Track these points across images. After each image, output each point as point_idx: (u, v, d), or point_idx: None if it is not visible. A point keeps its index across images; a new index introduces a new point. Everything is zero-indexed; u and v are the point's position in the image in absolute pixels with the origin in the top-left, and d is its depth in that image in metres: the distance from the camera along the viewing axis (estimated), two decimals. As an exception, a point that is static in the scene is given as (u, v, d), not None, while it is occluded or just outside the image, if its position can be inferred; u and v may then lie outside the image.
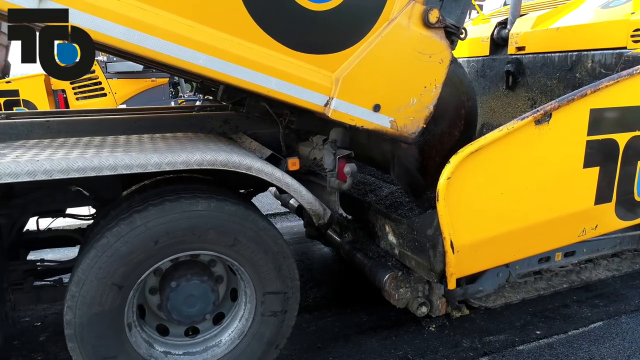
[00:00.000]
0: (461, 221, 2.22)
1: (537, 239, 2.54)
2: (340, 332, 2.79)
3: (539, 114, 2.24)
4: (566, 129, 2.38)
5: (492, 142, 2.18)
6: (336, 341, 2.72)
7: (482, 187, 2.27)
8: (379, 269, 2.59)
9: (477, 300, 2.88)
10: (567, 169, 2.46)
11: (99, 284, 1.82)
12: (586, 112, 2.40)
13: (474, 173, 2.20)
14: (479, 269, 2.54)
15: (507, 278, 2.91)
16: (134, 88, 9.12)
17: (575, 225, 2.62)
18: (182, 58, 1.73)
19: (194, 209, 1.92)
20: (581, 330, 2.80)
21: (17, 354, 2.57)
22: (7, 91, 8.20)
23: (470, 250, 2.31)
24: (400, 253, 2.61)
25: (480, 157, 2.17)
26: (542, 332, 2.78)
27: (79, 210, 2.72)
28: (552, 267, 3.13)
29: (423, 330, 2.80)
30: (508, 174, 2.32)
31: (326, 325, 2.87)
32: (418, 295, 2.56)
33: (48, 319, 2.93)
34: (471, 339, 2.72)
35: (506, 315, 2.96)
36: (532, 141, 2.29)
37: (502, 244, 2.42)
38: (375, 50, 1.99)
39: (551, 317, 2.94)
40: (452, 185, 2.12)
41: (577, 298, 3.16)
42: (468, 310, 2.86)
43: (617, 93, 2.47)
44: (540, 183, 2.40)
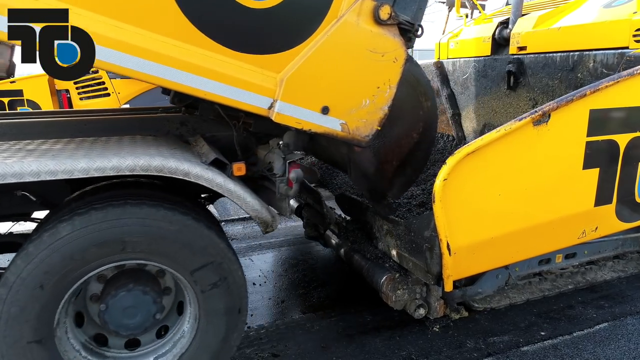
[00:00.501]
0: (458, 223, 2.20)
1: (536, 240, 2.51)
2: (344, 332, 2.76)
3: (537, 114, 2.21)
4: (565, 130, 2.35)
5: (490, 143, 2.15)
6: (340, 341, 2.69)
7: (480, 189, 2.24)
8: (377, 271, 2.56)
9: (481, 302, 2.85)
10: (566, 170, 2.43)
11: (24, 292, 1.73)
12: (585, 112, 2.37)
13: (471, 174, 2.17)
14: (476, 271, 2.51)
15: (507, 280, 2.87)
16: (138, 88, 9.09)
17: (575, 227, 2.59)
18: (112, 62, 1.65)
19: (114, 219, 1.80)
20: (586, 332, 2.78)
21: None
22: (11, 91, 8.22)
23: (467, 252, 2.28)
24: (397, 254, 2.59)
25: (477, 158, 2.14)
26: (547, 333, 2.76)
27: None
28: (552, 269, 3.09)
29: (427, 330, 2.77)
30: (506, 175, 2.29)
31: (330, 325, 2.84)
32: (416, 297, 2.54)
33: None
34: (475, 340, 2.70)
35: (510, 316, 2.94)
36: (531, 142, 2.26)
37: (500, 245, 2.39)
38: (322, 49, 1.87)
39: (556, 318, 2.92)
40: (448, 186, 2.09)
41: (582, 299, 3.13)
42: (467, 312, 2.83)
43: (617, 93, 2.44)
44: (538, 185, 2.37)
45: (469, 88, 4.15)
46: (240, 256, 3.93)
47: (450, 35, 4.42)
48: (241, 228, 4.75)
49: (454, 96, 4.31)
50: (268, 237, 4.41)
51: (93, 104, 8.81)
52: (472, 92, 4.12)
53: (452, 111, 4.28)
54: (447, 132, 4.38)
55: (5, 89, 8.19)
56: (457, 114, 4.29)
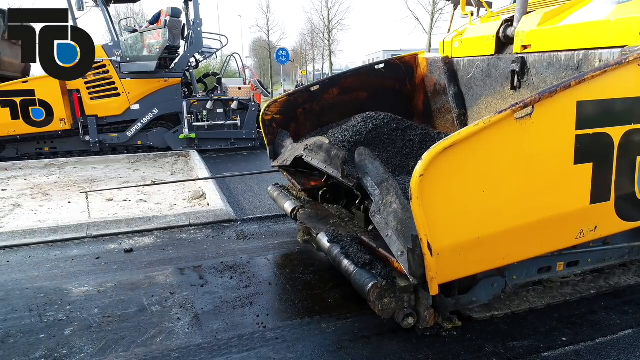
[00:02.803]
0: (439, 222, 2.10)
1: (529, 241, 2.39)
2: (360, 334, 2.74)
3: (518, 107, 2.11)
4: (551, 123, 2.24)
5: (468, 137, 2.05)
6: (356, 342, 2.66)
7: (461, 185, 2.13)
8: (363, 278, 2.47)
9: (481, 311, 2.77)
10: (555, 165, 2.32)
11: None
12: (572, 104, 2.26)
13: (450, 170, 2.07)
14: (465, 273, 2.38)
15: (504, 288, 2.79)
16: (147, 88, 9.19)
17: (572, 227, 2.47)
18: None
19: None
20: (610, 338, 2.70)
21: None
22: (24, 91, 8.36)
23: (452, 254, 2.18)
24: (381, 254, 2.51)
25: (456, 153, 2.05)
26: (569, 339, 2.69)
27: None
28: (553, 277, 3.02)
29: (444, 333, 2.73)
30: (489, 171, 2.18)
31: (345, 326, 2.81)
32: (404, 306, 2.45)
33: None
34: (494, 344, 2.64)
35: (530, 320, 2.87)
36: (514, 136, 2.15)
37: (489, 246, 2.27)
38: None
39: (578, 323, 2.85)
40: (426, 182, 2.01)
41: (605, 304, 3.05)
42: (460, 321, 2.74)
43: (606, 84, 2.33)
44: (526, 181, 2.26)
45: (473, 88, 4.09)
46: (256, 256, 3.98)
47: (455, 34, 4.36)
48: (257, 227, 4.76)
49: (462, 95, 4.22)
50: (284, 237, 4.42)
51: (103, 103, 8.96)
52: (477, 92, 4.05)
53: (458, 111, 4.19)
54: (452, 132, 4.29)
55: (17, 88, 8.33)
56: (462, 114, 4.20)
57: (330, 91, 4.19)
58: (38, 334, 2.82)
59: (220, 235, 4.55)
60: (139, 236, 4.53)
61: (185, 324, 2.89)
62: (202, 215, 4.89)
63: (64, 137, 8.96)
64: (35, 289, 3.44)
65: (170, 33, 8.96)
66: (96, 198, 5.95)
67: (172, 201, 5.78)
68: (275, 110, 4.01)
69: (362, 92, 4.31)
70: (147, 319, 2.95)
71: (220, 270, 3.69)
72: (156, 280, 3.54)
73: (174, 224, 4.75)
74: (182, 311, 3.04)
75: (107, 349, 2.64)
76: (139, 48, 9.06)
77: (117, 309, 3.10)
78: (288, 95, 4.06)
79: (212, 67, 20.80)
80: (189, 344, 2.67)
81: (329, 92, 4.19)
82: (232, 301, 3.16)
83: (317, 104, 4.16)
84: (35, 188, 6.66)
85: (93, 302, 3.19)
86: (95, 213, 5.26)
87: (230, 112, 9.62)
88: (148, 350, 2.62)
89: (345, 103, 4.25)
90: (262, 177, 6.81)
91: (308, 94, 4.08)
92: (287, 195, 3.92)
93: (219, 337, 2.73)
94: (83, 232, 4.53)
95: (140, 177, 7.40)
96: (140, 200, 5.82)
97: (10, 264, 3.94)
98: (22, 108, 8.36)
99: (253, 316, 2.96)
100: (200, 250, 4.14)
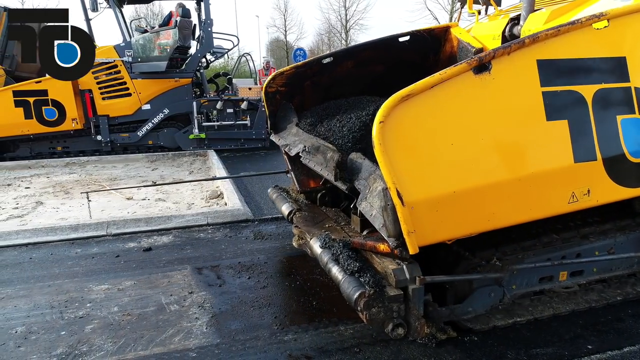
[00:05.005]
0: (407, 172, 2.06)
1: (514, 201, 2.30)
2: (379, 337, 2.70)
3: (473, 60, 2.13)
4: (513, 79, 2.25)
5: (425, 88, 2.06)
6: (374, 346, 2.63)
7: (425, 136, 2.12)
8: (352, 286, 2.37)
9: (480, 321, 2.70)
10: (527, 121, 2.30)
11: None
12: (533, 62, 2.28)
13: (411, 119, 2.07)
14: (448, 235, 2.26)
15: (501, 298, 2.69)
16: (158, 88, 9.27)
17: (560, 188, 2.38)
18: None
19: None
20: (638, 347, 2.61)
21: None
22: (37, 91, 8.47)
23: (428, 208, 2.10)
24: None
25: (415, 103, 2.05)
26: (594, 347, 2.61)
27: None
28: (554, 287, 2.91)
29: (465, 338, 2.67)
30: (454, 123, 2.16)
31: (364, 330, 2.78)
32: (393, 316, 2.35)
33: None
34: (516, 351, 2.58)
35: (554, 327, 2.80)
36: (475, 91, 2.16)
37: (468, 203, 2.19)
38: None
39: (604, 331, 2.76)
40: (386, 130, 2.00)
41: (632, 312, 2.95)
42: (455, 332, 2.66)
43: (564, 45, 2.35)
44: (497, 136, 2.22)
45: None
46: (273, 256, 3.97)
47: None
48: (274, 227, 4.76)
49: None
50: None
51: (115, 103, 9.04)
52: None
53: None
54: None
55: (30, 88, 8.44)
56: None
57: (345, 64, 3.94)
58: (59, 330, 2.85)
59: (238, 235, 4.56)
60: (157, 235, 4.56)
61: (203, 323, 2.89)
62: (219, 215, 4.91)
63: (76, 136, 9.08)
64: (57, 286, 3.49)
65: (180, 33, 9.02)
66: (115, 196, 6.03)
67: (190, 200, 5.82)
68: (281, 83, 3.81)
69: (378, 65, 4.06)
70: (165, 318, 2.96)
71: (238, 270, 3.70)
72: (174, 279, 3.56)
73: (192, 223, 4.77)
74: (200, 311, 3.05)
75: (126, 347, 2.66)
76: (150, 48, 9.15)
77: (136, 307, 3.12)
78: (296, 67, 3.82)
79: (226, 67, 20.91)
80: (207, 344, 2.67)
81: (343, 65, 3.94)
82: (250, 302, 3.16)
83: (328, 77, 3.94)
84: (57, 186, 6.78)
85: (112, 300, 3.22)
86: (115, 211, 5.32)
87: (240, 112, 9.65)
88: (166, 349, 2.63)
89: (359, 76, 4.02)
90: (280, 177, 6.81)
91: (319, 66, 3.83)
92: (286, 198, 3.84)
93: (237, 337, 2.73)
94: (103, 230, 4.58)
95: (159, 176, 7.47)
96: (159, 199, 5.88)
97: (32, 261, 4.01)
98: (35, 108, 8.50)
99: (271, 317, 2.95)
100: (218, 250, 4.15)
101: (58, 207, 5.63)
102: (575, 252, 2.84)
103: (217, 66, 15.59)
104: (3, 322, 2.97)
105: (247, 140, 9.77)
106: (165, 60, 9.01)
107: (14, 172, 7.94)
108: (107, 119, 9.04)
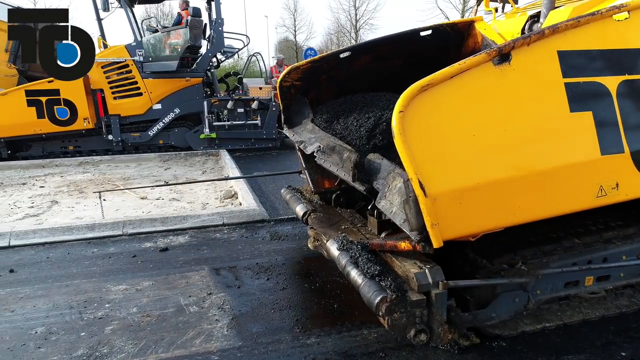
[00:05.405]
0: (428, 163, 2.02)
1: (539, 195, 2.24)
2: (404, 342, 2.63)
3: (492, 50, 2.10)
4: (533, 70, 2.21)
5: (444, 78, 2.04)
6: (400, 350, 2.57)
7: (447, 127, 2.08)
8: (372, 290, 2.30)
9: (506, 327, 2.63)
10: (550, 112, 2.24)
11: None
12: (553, 53, 2.24)
13: (430, 109, 2.04)
14: (473, 229, 2.18)
15: (526, 304, 2.61)
16: (169, 87, 9.28)
17: (587, 181, 2.32)
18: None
19: None
20: (674, 354, 2.53)
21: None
22: (49, 90, 8.52)
23: (451, 201, 2.05)
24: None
25: (435, 93, 2.03)
26: (628, 354, 2.53)
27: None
28: (580, 292, 2.82)
29: (492, 344, 2.60)
30: (475, 115, 2.12)
31: (388, 333, 2.71)
32: (415, 322, 2.29)
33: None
34: (547, 357, 2.50)
35: (584, 332, 2.72)
36: (496, 81, 2.13)
37: (493, 197, 2.14)
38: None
39: (637, 337, 2.67)
40: (407, 120, 1.97)
41: (667, 318, 2.87)
42: (478, 338, 2.58)
43: (584, 36, 2.32)
44: (520, 127, 2.18)
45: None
46: (291, 257, 3.92)
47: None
48: (290, 228, 4.71)
49: None
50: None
51: (126, 103, 9.07)
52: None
53: None
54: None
55: (42, 88, 8.48)
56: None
57: (363, 58, 3.87)
58: (79, 331, 2.82)
59: (254, 235, 4.51)
60: (173, 235, 4.54)
61: (223, 325, 2.85)
62: (235, 215, 4.87)
63: (87, 136, 9.12)
64: (75, 285, 3.47)
65: (191, 33, 9.01)
66: (130, 196, 6.02)
67: (204, 200, 5.79)
68: (296, 77, 3.73)
69: (396, 59, 3.98)
70: (185, 320, 2.92)
71: (256, 271, 3.65)
72: (192, 280, 3.52)
73: (207, 224, 4.74)
74: (220, 312, 3.01)
75: (147, 349, 2.62)
76: (161, 48, 9.15)
77: (155, 308, 3.08)
78: (312, 61, 3.73)
79: (235, 67, 20.91)
80: (229, 347, 2.63)
81: (361, 60, 3.86)
82: (270, 304, 3.11)
83: (345, 71, 3.86)
84: (71, 185, 6.79)
85: (131, 301, 3.19)
86: (130, 211, 5.31)
87: (250, 111, 9.62)
88: (188, 352, 2.59)
89: (376, 71, 3.93)
90: (293, 177, 6.76)
91: (336, 60, 3.74)
92: (299, 198, 3.77)
93: (259, 340, 2.68)
94: (119, 230, 4.57)
95: (172, 175, 7.46)
96: (173, 199, 5.86)
97: (50, 260, 4.00)
98: (47, 107, 8.55)
99: (292, 320, 2.90)
100: (235, 251, 4.11)
101: (73, 207, 5.63)
102: (602, 257, 2.76)
103: (225, 66, 15.56)
104: (23, 322, 2.95)
105: (258, 140, 9.74)
106: (176, 60, 9.02)
107: (28, 171, 7.98)
108: (118, 118, 9.07)
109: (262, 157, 9.22)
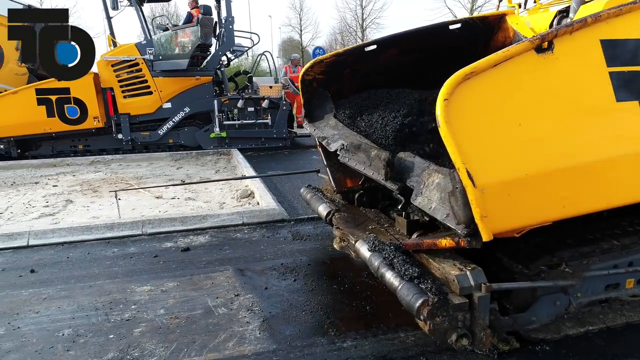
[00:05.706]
0: (475, 153, 1.95)
1: (590, 188, 2.17)
2: (443, 345, 2.55)
3: (535, 39, 2.06)
4: (577, 58, 2.17)
5: (487, 66, 1.98)
6: (440, 355, 2.49)
7: (491, 116, 2.03)
8: (412, 293, 2.21)
9: (551, 331, 2.54)
10: (595, 101, 2.19)
11: None
12: (596, 42, 2.19)
13: (475, 98, 1.99)
14: (521, 222, 2.11)
15: (567, 307, 2.53)
16: (179, 86, 9.21)
17: (638, 172, 2.24)
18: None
19: None
20: None
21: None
22: (59, 89, 8.46)
23: (501, 192, 1.98)
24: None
25: (478, 81, 1.97)
26: (677, 359, 2.44)
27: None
28: (621, 295, 2.74)
29: (536, 348, 2.52)
30: (520, 104, 2.07)
31: (425, 337, 2.62)
32: (457, 326, 2.20)
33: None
34: (593, 362, 2.42)
35: (628, 336, 2.63)
36: (539, 70, 2.08)
37: (541, 189, 2.07)
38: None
39: (684, 342, 2.59)
40: (452, 108, 1.92)
41: None
42: (518, 343, 2.50)
43: (627, 25, 2.27)
44: (566, 116, 2.13)
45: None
46: (315, 257, 3.84)
47: None
48: (311, 228, 4.63)
49: None
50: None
51: (136, 101, 9.01)
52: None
53: None
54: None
55: (53, 87, 8.43)
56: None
57: (389, 52, 3.74)
58: (107, 334, 2.75)
59: (276, 235, 4.44)
60: (193, 235, 4.46)
61: (255, 328, 2.77)
62: (255, 215, 4.80)
63: (97, 135, 9.06)
64: (98, 286, 3.40)
65: (202, 31, 8.94)
66: (144, 195, 5.95)
67: (220, 199, 5.72)
68: (319, 71, 3.65)
69: (421, 53, 3.85)
70: (215, 322, 2.85)
71: (282, 272, 3.57)
72: (217, 280, 3.45)
73: (227, 223, 4.67)
74: (249, 314, 2.93)
75: (179, 352, 2.55)
76: (171, 46, 9.09)
77: (182, 310, 3.01)
78: (336, 55, 3.63)
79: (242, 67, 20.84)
80: (263, 350, 2.55)
81: (386, 53, 3.74)
82: (300, 305, 3.03)
83: (368, 65, 3.76)
84: (85, 184, 6.73)
85: (157, 302, 3.12)
86: (147, 210, 5.24)
87: (261, 110, 9.54)
88: (221, 355, 2.52)
89: (399, 65, 3.82)
90: (310, 176, 6.68)
91: (361, 54, 3.65)
92: (321, 198, 3.68)
93: (294, 343, 2.61)
94: (138, 229, 4.50)
95: (184, 174, 7.40)
96: (189, 199, 5.79)
97: (70, 260, 3.93)
98: (57, 106, 8.50)
99: (325, 322, 2.82)
100: (258, 251, 4.04)
101: (88, 206, 5.57)
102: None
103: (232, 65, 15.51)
104: (48, 324, 2.88)
105: (268, 139, 9.67)
106: (186, 58, 8.95)
107: (39, 170, 7.93)
108: (128, 117, 9.01)
109: (274, 156, 9.15)
